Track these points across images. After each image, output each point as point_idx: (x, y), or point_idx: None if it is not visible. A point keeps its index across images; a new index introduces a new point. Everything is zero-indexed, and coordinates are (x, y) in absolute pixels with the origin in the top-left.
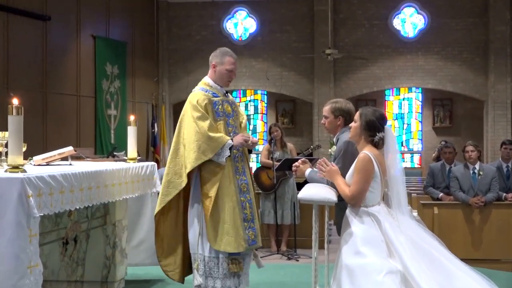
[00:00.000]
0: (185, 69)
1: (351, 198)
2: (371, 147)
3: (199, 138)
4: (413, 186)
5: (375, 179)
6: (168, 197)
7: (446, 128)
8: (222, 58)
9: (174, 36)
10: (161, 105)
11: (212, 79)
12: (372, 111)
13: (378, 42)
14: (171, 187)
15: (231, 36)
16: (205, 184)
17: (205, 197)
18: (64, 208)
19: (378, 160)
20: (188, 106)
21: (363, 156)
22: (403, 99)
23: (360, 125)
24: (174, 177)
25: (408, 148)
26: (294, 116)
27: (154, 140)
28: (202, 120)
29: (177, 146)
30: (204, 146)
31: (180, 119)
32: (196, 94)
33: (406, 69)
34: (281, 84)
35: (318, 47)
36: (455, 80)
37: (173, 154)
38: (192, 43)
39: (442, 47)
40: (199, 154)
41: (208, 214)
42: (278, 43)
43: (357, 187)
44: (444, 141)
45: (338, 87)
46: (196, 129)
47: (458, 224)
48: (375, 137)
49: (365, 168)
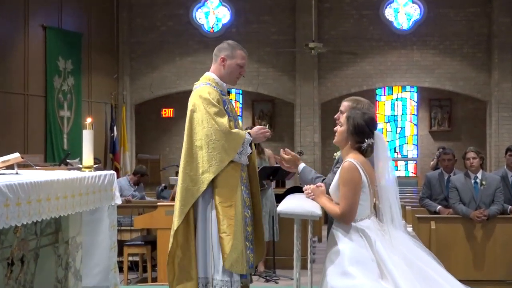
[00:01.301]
0: (149, 64)
1: (343, 216)
2: (356, 154)
3: (221, 137)
4: (408, 198)
5: (363, 189)
6: (187, 207)
7: (445, 132)
8: (233, 51)
9: (137, 27)
10: (122, 105)
11: (218, 75)
12: (361, 114)
13: (368, 35)
14: (189, 195)
15: (201, 27)
16: (223, 190)
17: (224, 205)
18: (9, 223)
19: (365, 168)
20: (200, 101)
21: (348, 165)
22: (396, 99)
23: (347, 129)
24: (190, 184)
25: (402, 154)
26: (273, 118)
27: (113, 145)
28: (220, 116)
29: (191, 147)
30: (227, 145)
31: (190, 117)
32: (205, 88)
33: (399, 65)
34: (258, 82)
35: (300, 40)
36: (455, 78)
37: (188, 158)
38: (157, 35)
39: (440, 41)
40: (223, 155)
41: (232, 226)
42: (255, 36)
43: (346, 202)
44: (442, 147)
45: (323, 86)
46: (215, 126)
47: (458, 240)
48: (363, 144)
49: (351, 178)
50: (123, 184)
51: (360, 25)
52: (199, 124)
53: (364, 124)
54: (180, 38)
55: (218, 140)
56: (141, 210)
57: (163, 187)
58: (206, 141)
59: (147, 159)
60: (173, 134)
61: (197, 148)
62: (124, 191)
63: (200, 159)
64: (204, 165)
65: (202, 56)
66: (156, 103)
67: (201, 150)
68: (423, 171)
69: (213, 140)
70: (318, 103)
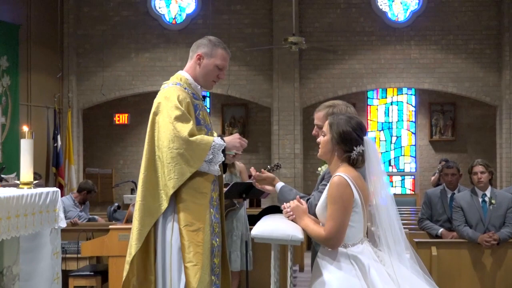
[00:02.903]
0: (100, 62)
1: (328, 239)
2: (347, 167)
3: (180, 145)
4: (404, 219)
5: (355, 209)
6: (146, 229)
7: (448, 142)
8: (213, 49)
9: (85, 17)
10: (67, 110)
11: (192, 75)
12: (346, 120)
13: (358, 28)
14: (147, 214)
15: (161, 17)
16: (189, 210)
17: (189, 229)
18: None
19: (358, 184)
20: (164, 103)
21: (337, 180)
22: (391, 103)
23: (331, 138)
24: (150, 201)
25: (398, 168)
26: (246, 125)
27: (56, 157)
28: (182, 121)
29: (152, 157)
30: (188, 154)
31: (152, 121)
32: (173, 89)
33: (394, 63)
34: (229, 83)
35: (279, 34)
36: (459, 79)
37: (148, 169)
38: (109, 27)
39: (442, 35)
40: (183, 166)
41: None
42: (225, 29)
43: (334, 222)
44: (445, 159)
45: (305, 87)
46: (174, 133)
47: (463, 269)
48: (352, 153)
49: (340, 196)
50: (67, 204)
51: (348, 16)
52: (160, 130)
53: (351, 130)
54: (136, 31)
55: (176, 149)
56: (90, 234)
57: (116, 207)
58: (165, 150)
59: (97, 174)
60: (128, 145)
61: (157, 158)
62: (68, 211)
63: (160, 171)
64: (164, 178)
65: (162, 52)
66: (108, 107)
67: (161, 161)
68: (422, 187)
69: (171, 148)
70: (299, 108)
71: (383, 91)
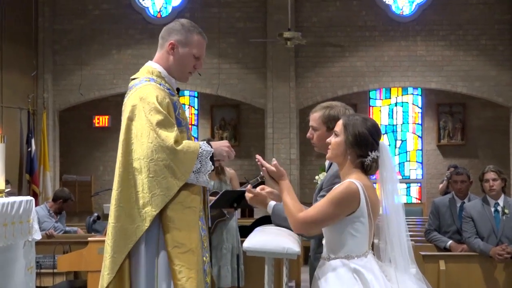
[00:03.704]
0: (78, 59)
1: (300, 222)
2: (360, 174)
3: (166, 155)
4: (410, 230)
5: (360, 219)
6: (122, 255)
7: (457, 146)
8: (188, 36)
9: (62, 11)
10: (42, 112)
11: (165, 66)
12: (362, 121)
13: (359, 22)
14: (123, 238)
15: (145, 11)
16: (176, 229)
17: (179, 251)
18: None
19: (369, 194)
20: (140, 106)
21: (348, 184)
22: (396, 104)
23: (345, 140)
24: (127, 221)
25: (403, 175)
26: (237, 128)
27: (30, 163)
28: (165, 127)
29: (127, 170)
30: (175, 165)
31: (126, 127)
32: (149, 87)
33: (399, 61)
34: (219, 82)
35: (273, 29)
36: (470, 78)
37: (122, 185)
38: (88, 21)
39: (450, 30)
40: (170, 180)
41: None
42: (215, 23)
43: (317, 215)
44: (454, 165)
45: (301, 87)
46: (158, 141)
47: (474, 284)
48: (366, 158)
49: (341, 199)
50: (41, 214)
51: (349, 9)
52: (137, 138)
53: (367, 133)
54: (118, 25)
55: (161, 160)
56: (67, 247)
57: (95, 217)
58: (146, 162)
59: (74, 181)
60: (109, 149)
61: (136, 171)
62: (43, 222)
63: (140, 186)
64: (145, 195)
65: (146, 49)
66: (86, 109)
67: (140, 174)
68: (429, 196)
69: (155, 160)
70: (295, 109)
71: (387, 91)
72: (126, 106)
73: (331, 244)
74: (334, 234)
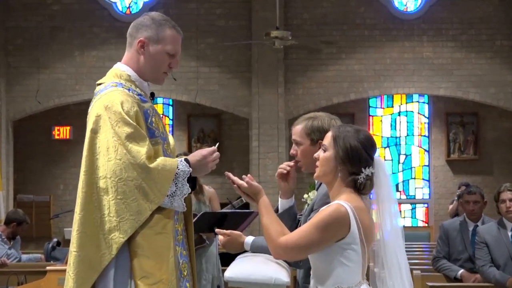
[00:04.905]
0: (35, 61)
1: (281, 247)
2: (352, 195)
3: (137, 174)
4: (415, 258)
5: (351, 245)
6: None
7: (469, 161)
8: (159, 31)
9: (16, 5)
10: None
11: (135, 68)
12: (354, 132)
13: (357, 20)
14: (87, 268)
15: (112, 6)
16: (144, 256)
17: (148, 282)
18: None
19: (361, 218)
20: (105, 117)
21: (335, 207)
22: (399, 113)
23: (335, 155)
24: (90, 249)
25: (408, 195)
26: (218, 140)
27: None
28: (136, 140)
29: (90, 190)
30: (147, 186)
31: (90, 141)
32: (115, 94)
33: (403, 64)
34: (198, 88)
35: (259, 28)
36: (483, 83)
37: (86, 207)
38: (46, 18)
39: (461, 29)
40: (141, 202)
41: None
42: (192, 20)
43: (299, 240)
44: (466, 183)
45: (291, 94)
46: (127, 157)
47: None
48: (359, 176)
49: (330, 223)
50: None
51: (345, 5)
52: (103, 153)
53: (360, 146)
54: (81, 23)
55: (132, 180)
56: (22, 277)
57: (55, 243)
58: (113, 181)
59: (31, 202)
60: (71, 165)
61: (101, 191)
62: None
63: (106, 209)
64: (112, 219)
65: (113, 50)
66: (45, 118)
67: (107, 195)
68: (438, 218)
69: (124, 179)
70: (284, 119)
71: (389, 99)
72: (89, 117)
73: (318, 274)
74: (322, 263)
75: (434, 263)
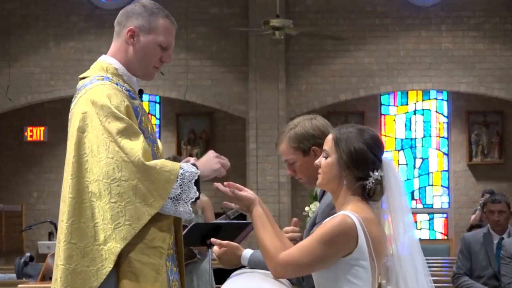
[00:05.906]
0: (5, 53)
1: (280, 265)
2: (360, 204)
3: (132, 174)
4: (434, 274)
5: (360, 261)
6: None
7: (494, 166)
8: (152, 20)
9: None
10: None
11: (123, 61)
12: (357, 133)
13: (367, 7)
14: (80, 282)
15: None
16: (133, 273)
17: None
18: None
19: (370, 230)
20: (92, 112)
21: (341, 218)
22: (414, 112)
23: (338, 160)
24: (81, 262)
25: (424, 203)
26: (211, 143)
27: None
28: (129, 136)
29: (80, 196)
30: (144, 187)
31: (76, 141)
32: (101, 88)
33: (419, 57)
34: (188, 83)
35: (257, 15)
36: (508, 78)
37: (74, 215)
38: (18, 5)
39: (484, 18)
40: (138, 206)
41: None
42: (181, 7)
43: (301, 256)
44: (490, 191)
45: (292, 90)
46: (120, 155)
47: None
48: (368, 180)
49: (335, 237)
50: None
51: None
52: (93, 154)
53: (366, 148)
54: (56, 11)
55: (126, 180)
56: None
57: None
58: (106, 183)
59: (0, 212)
60: (45, 170)
61: (93, 196)
62: None
63: (99, 216)
64: (107, 226)
65: (93, 41)
66: (16, 118)
67: (100, 200)
68: (458, 230)
69: (118, 179)
70: (285, 119)
71: (403, 96)
72: (74, 114)
73: None
74: (327, 282)
75: (454, 281)
